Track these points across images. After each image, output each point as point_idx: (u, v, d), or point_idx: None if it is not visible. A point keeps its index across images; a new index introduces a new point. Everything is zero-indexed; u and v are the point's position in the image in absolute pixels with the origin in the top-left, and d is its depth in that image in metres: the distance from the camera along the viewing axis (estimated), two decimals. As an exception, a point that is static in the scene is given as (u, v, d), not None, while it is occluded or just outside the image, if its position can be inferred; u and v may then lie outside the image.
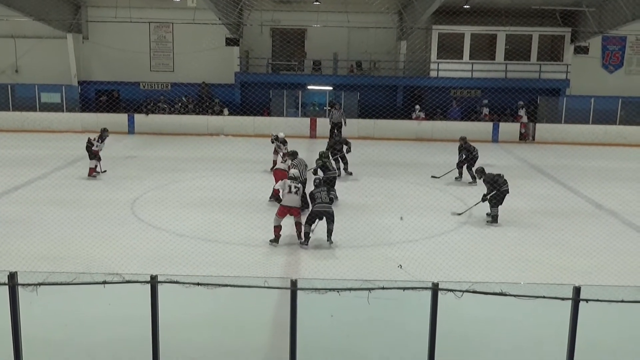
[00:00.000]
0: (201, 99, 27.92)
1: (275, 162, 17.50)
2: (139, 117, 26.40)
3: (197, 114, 27.21)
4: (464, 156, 17.66)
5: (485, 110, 27.59)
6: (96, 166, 16.93)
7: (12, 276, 5.23)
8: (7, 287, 5.23)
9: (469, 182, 17.23)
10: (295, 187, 11.78)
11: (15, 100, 27.38)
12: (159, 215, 13.30)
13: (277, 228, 11.58)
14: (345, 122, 23.70)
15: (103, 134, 17.12)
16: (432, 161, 21.21)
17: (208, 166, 18.93)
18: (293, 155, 14.66)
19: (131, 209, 13.83)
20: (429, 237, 12.22)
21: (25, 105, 27.08)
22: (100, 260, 10.32)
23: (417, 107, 26.88)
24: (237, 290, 5.38)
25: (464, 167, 17.72)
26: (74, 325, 8.04)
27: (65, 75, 27.73)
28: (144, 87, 28.41)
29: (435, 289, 5.36)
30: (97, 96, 28.23)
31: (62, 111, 27.26)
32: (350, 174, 18.17)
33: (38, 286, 5.28)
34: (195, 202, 14.31)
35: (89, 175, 16.71)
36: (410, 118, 26.73)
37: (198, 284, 5.17)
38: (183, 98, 27.76)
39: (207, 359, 7.06)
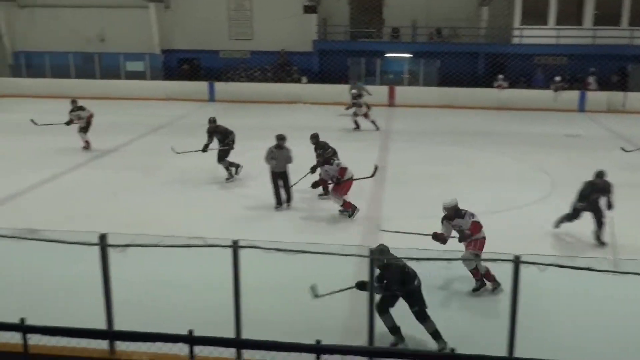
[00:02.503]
0: (279, 67, 28.06)
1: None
2: (219, 85, 26.81)
3: (276, 82, 27.38)
4: None
5: (592, 79, 26.17)
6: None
7: (103, 238, 5.44)
8: (98, 247, 5.44)
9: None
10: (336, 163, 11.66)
11: (101, 69, 28.30)
12: (240, 182, 13.55)
13: (347, 203, 11.50)
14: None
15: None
16: (514, 130, 20.67)
17: (286, 134, 19.04)
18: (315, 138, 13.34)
19: (212, 175, 14.12)
20: (510, 209, 11.94)
21: (111, 74, 27.97)
22: (183, 224, 10.61)
23: (500, 75, 26.07)
24: (317, 256, 5.41)
25: None
26: (159, 286, 8.36)
27: (148, 44, 28.39)
28: (223, 55, 28.77)
29: (517, 262, 5.22)
30: (179, 64, 28.82)
31: (146, 79, 28.00)
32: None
33: (126, 248, 5.48)
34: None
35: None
36: (492, 86, 26.00)
37: (278, 249, 5.22)
38: (266, 67, 27.97)
39: (287, 324, 7.18)
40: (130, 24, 28.30)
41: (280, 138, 12.02)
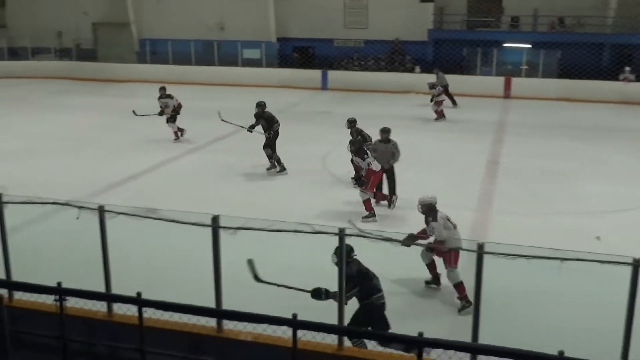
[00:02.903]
0: (393, 56, 27.86)
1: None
2: (332, 74, 27.00)
3: (389, 71, 27.22)
4: None
5: None
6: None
7: (215, 219, 5.62)
8: (210, 229, 5.63)
9: None
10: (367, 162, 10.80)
11: (220, 56, 29.21)
12: (350, 170, 13.60)
13: (369, 203, 10.76)
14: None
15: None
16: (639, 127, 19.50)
17: (398, 124, 18.91)
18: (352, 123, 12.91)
19: (322, 163, 14.27)
20: (635, 209, 11.27)
21: (229, 61, 28.81)
22: (292, 210, 10.80)
23: (627, 68, 24.56)
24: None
25: None
26: (266, 270, 8.55)
27: (265, 32, 29.00)
28: (337, 44, 28.92)
29: (636, 265, 4.93)
30: (294, 52, 29.28)
31: (262, 67, 28.64)
32: None
33: (237, 230, 5.64)
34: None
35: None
36: (617, 79, 24.55)
37: (384, 238, 5.20)
38: (380, 56, 27.87)
39: (393, 313, 7.15)
40: (249, 13, 29.00)
41: (384, 131, 11.44)
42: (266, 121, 13.52)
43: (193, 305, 5.25)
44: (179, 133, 16.51)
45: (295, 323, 4.62)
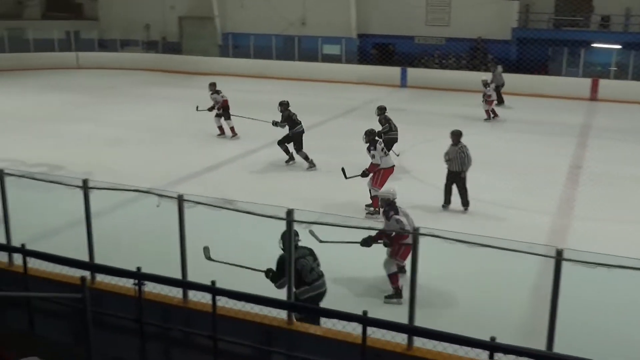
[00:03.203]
0: (474, 55, 27.34)
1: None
2: (411, 71, 26.76)
3: (470, 70, 26.73)
4: None
5: None
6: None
7: (290, 213, 5.68)
8: (285, 222, 5.70)
9: None
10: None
11: (300, 51, 29.45)
12: (424, 169, 13.47)
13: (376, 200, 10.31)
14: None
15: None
16: None
17: (476, 124, 18.60)
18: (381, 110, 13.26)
19: (398, 161, 14.18)
20: None
21: (309, 56, 29.00)
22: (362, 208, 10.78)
23: None
24: (499, 252, 5.23)
25: None
26: (335, 264, 8.59)
27: (345, 28, 29.02)
28: (418, 41, 28.63)
29: None
30: (372, 49, 29.18)
31: (341, 62, 28.69)
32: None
33: (310, 225, 5.71)
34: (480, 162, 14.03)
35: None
36: None
37: (459, 240, 5.12)
38: (461, 54, 27.43)
39: (460, 316, 7.05)
40: (330, 8, 29.08)
41: (454, 134, 11.07)
42: (290, 121, 13.76)
43: (265, 296, 5.34)
44: (224, 130, 16.60)
45: (365, 320, 4.63)
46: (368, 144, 10.89)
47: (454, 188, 11.13)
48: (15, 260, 6.94)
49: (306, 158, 13.74)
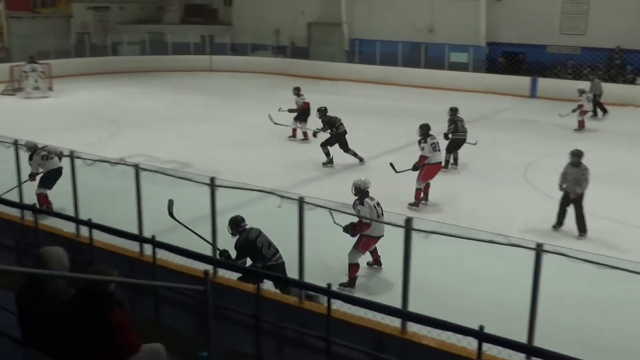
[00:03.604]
0: (612, 66, 25.90)
1: None
2: (542, 81, 25.77)
3: (606, 81, 25.33)
4: None
5: None
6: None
7: (408, 221, 5.64)
8: (403, 230, 5.67)
9: None
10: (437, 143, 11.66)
11: (426, 59, 29.15)
12: (552, 183, 12.92)
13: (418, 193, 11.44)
14: None
15: None
16: None
17: (609, 139, 17.66)
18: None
19: (523, 174, 13.72)
20: None
21: (435, 64, 28.65)
22: (486, 218, 10.51)
23: None
24: (630, 275, 4.91)
25: None
26: (454, 275, 8.44)
27: (474, 36, 28.42)
28: (550, 50, 27.51)
29: None
30: (501, 58, 28.38)
31: (468, 71, 28.12)
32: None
33: (429, 234, 5.62)
34: (594, 176, 13.41)
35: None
36: None
37: (587, 260, 4.86)
38: (597, 65, 26.11)
39: (584, 343, 6.69)
40: (459, 16, 28.58)
41: (575, 154, 10.43)
42: (327, 125, 14.56)
43: (379, 303, 5.32)
44: (297, 133, 17.13)
45: (482, 335, 4.50)
46: (420, 137, 11.50)
47: (570, 210, 10.47)
48: (145, 251, 7.35)
49: (355, 155, 14.36)
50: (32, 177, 10.25)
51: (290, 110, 17.02)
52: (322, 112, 14.85)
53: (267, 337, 6.17)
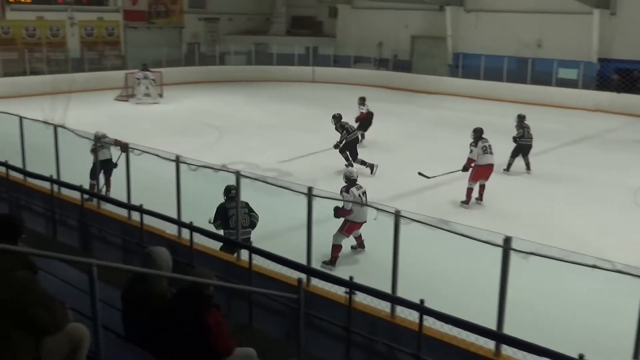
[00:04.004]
0: None
1: None
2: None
3: None
4: None
5: None
6: None
7: (507, 240, 5.48)
8: (501, 249, 5.51)
9: None
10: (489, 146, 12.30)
11: (533, 74, 28.30)
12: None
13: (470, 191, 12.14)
14: None
15: None
16: None
17: None
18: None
19: (633, 197, 13.05)
20: None
21: (542, 80, 27.75)
22: (590, 241, 10.05)
23: None
24: None
25: None
26: (552, 299, 8.11)
27: (585, 52, 27.32)
28: (671, 67, 26.03)
29: None
30: (614, 74, 27.10)
31: (577, 88, 27.06)
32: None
33: (529, 255, 5.43)
34: None
35: None
36: None
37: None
38: None
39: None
40: (569, 30, 27.60)
41: None
42: (340, 130, 14.96)
43: (474, 323, 5.20)
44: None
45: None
46: (472, 140, 12.32)
47: None
48: (242, 256, 7.52)
49: (363, 163, 14.46)
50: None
51: (356, 120, 17.55)
52: (337, 118, 15.29)
53: (357, 349, 6.16)
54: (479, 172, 12.13)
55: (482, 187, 12.28)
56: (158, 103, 24.53)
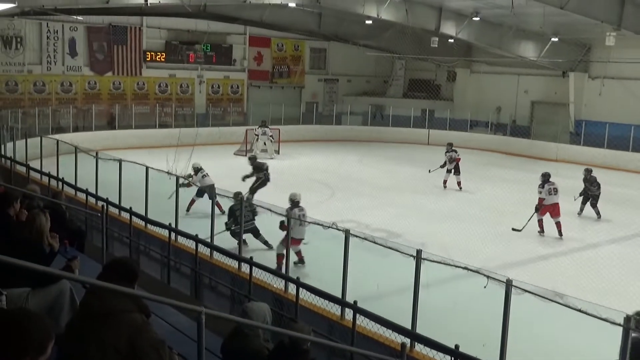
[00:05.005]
0: None
1: None
2: None
3: None
4: None
5: None
6: None
7: (628, 319, 5.15)
8: (621, 329, 5.18)
9: None
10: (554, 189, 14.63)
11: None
12: None
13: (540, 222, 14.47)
14: None
15: None
16: None
17: None
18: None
19: None
20: None
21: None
22: None
23: None
24: None
25: None
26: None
27: None
28: None
29: None
30: None
31: None
32: None
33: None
34: None
35: None
36: None
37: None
38: None
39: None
40: None
41: None
42: (256, 170, 16.62)
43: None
44: (447, 185, 19.53)
45: None
46: (540, 183, 14.90)
47: None
48: (346, 315, 7.48)
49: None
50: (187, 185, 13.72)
51: (442, 165, 19.99)
52: (253, 159, 17.50)
53: None
54: (546, 208, 14.59)
55: (558, 224, 14.48)
56: (274, 158, 25.26)
